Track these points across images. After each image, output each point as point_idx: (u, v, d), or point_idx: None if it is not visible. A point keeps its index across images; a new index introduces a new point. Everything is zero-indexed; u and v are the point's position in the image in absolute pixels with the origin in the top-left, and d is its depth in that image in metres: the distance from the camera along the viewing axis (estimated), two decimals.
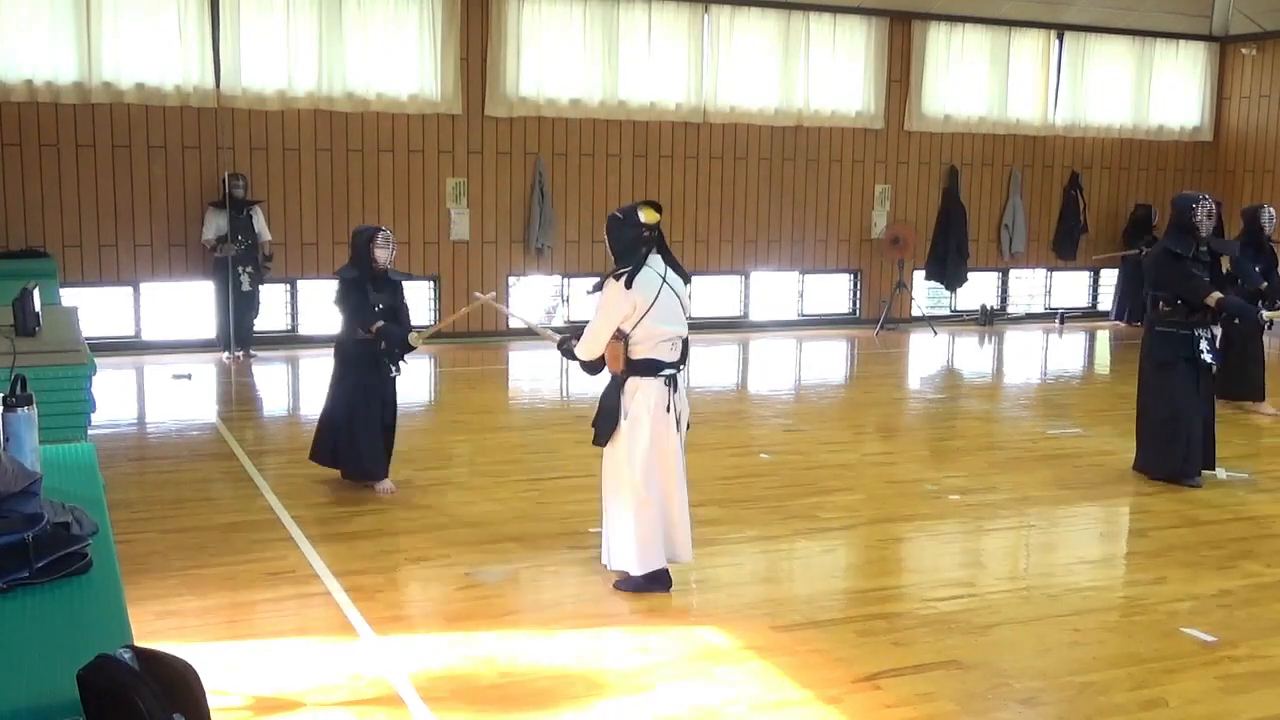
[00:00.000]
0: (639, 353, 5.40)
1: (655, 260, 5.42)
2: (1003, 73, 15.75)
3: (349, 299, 7.12)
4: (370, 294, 7.08)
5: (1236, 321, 7.63)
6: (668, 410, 5.45)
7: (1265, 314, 7.60)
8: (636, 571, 5.52)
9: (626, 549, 5.55)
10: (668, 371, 5.46)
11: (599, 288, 5.47)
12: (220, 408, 10.15)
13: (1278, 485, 7.89)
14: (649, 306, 5.33)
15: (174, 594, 5.42)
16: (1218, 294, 7.44)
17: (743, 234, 14.77)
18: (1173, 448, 7.64)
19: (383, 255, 7.07)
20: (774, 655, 4.86)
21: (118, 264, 12.28)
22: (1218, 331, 7.62)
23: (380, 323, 7.01)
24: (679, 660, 4.83)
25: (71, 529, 2.74)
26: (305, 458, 7.42)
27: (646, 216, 5.38)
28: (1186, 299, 7.50)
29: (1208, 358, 7.57)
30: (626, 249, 5.40)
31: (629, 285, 5.30)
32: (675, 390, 5.49)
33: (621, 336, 5.39)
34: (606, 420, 5.51)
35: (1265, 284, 9.28)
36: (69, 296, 10.24)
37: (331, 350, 7.54)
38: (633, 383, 5.43)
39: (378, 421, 7.16)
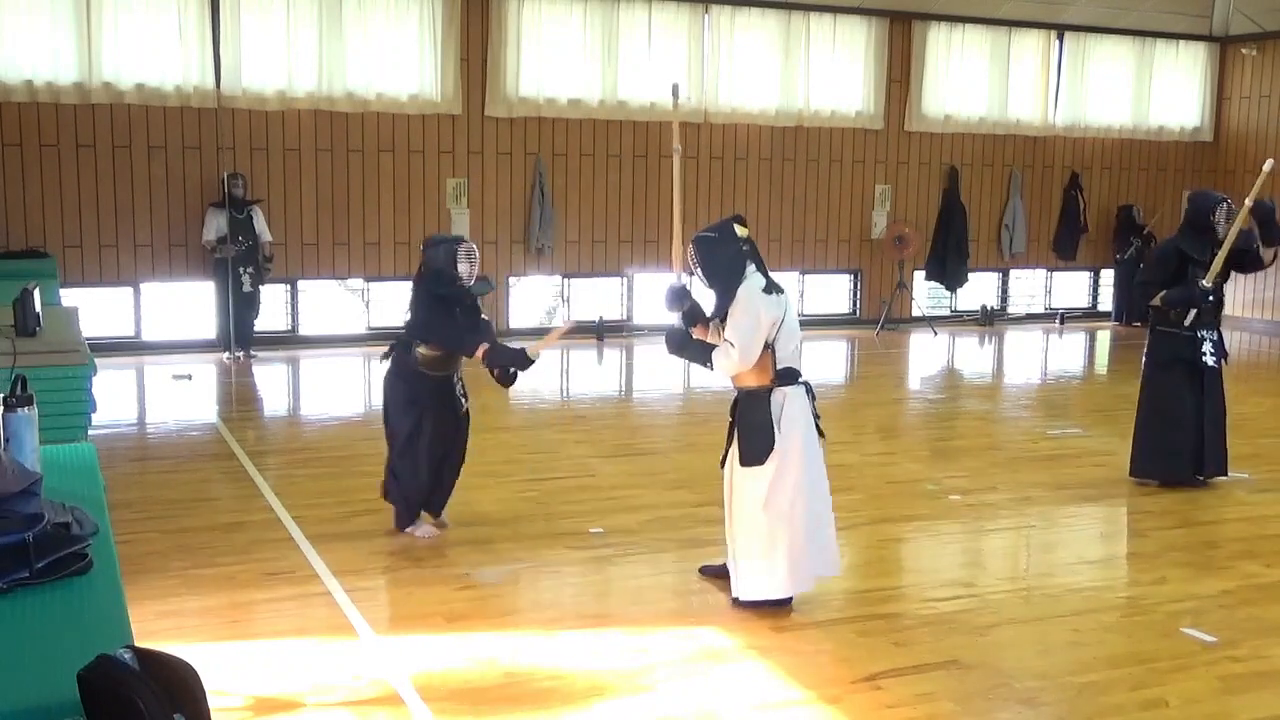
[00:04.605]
0: (783, 361, 5.22)
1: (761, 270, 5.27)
2: (1003, 73, 15.75)
3: (443, 321, 6.20)
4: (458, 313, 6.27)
5: (1195, 311, 7.44)
6: (814, 417, 5.31)
7: (1203, 283, 7.37)
8: (785, 594, 5.28)
9: (776, 574, 5.22)
10: (803, 378, 5.31)
11: (721, 312, 5.24)
12: (220, 408, 10.14)
13: (1278, 485, 7.90)
14: (784, 313, 5.20)
15: (174, 594, 5.42)
16: (1160, 295, 7.37)
17: None
18: (1161, 449, 7.61)
19: (465, 269, 6.19)
20: (774, 655, 4.87)
21: (118, 264, 12.28)
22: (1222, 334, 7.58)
23: (485, 345, 6.13)
24: (679, 660, 4.83)
25: (72, 529, 2.74)
26: (306, 458, 7.41)
27: (740, 231, 5.24)
28: (1139, 300, 7.42)
29: (1210, 360, 7.53)
30: (728, 267, 5.19)
31: (773, 292, 5.16)
32: (814, 397, 5.35)
33: (767, 347, 5.17)
34: (762, 437, 5.17)
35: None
36: (69, 297, 10.24)
37: (385, 358, 6.51)
38: (779, 394, 5.20)
39: (440, 464, 6.39)
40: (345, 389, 11.46)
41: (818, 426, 5.35)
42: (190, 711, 2.07)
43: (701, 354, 5.33)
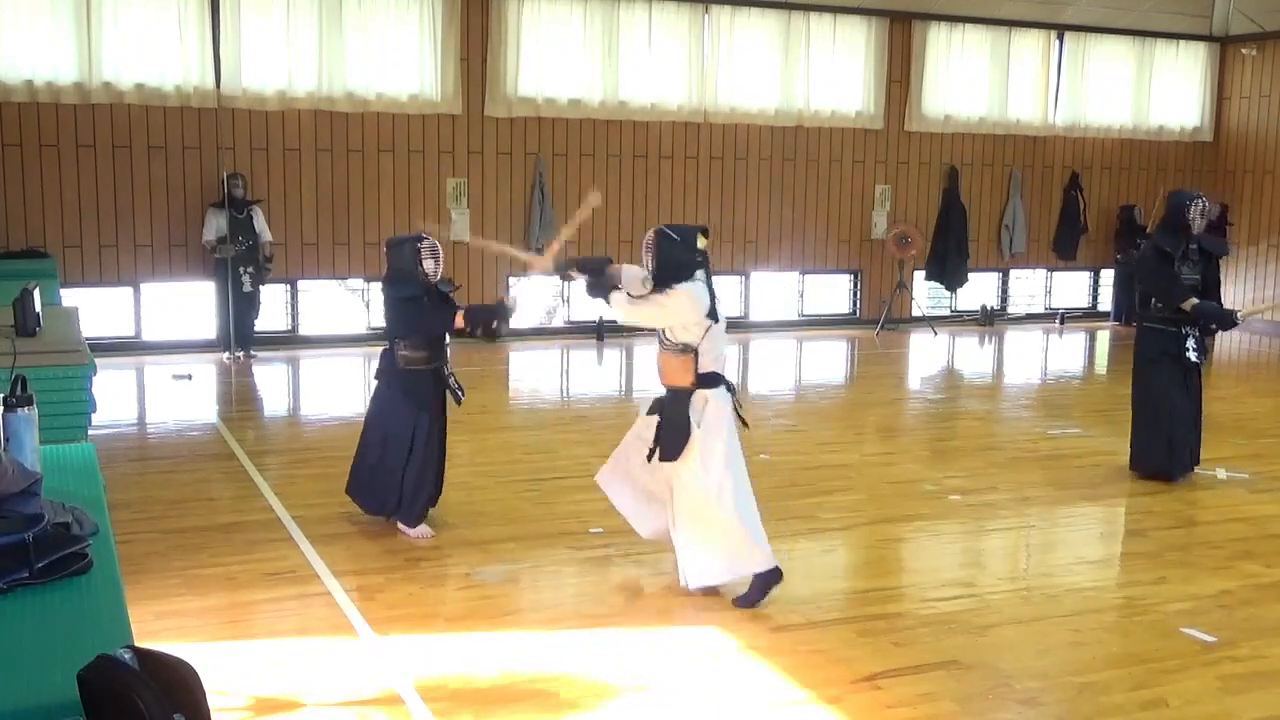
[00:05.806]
0: (705, 365, 5.42)
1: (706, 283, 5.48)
2: (1003, 73, 15.74)
3: (414, 315, 6.27)
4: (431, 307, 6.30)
5: (1214, 327, 7.66)
6: (737, 414, 5.52)
7: (1239, 314, 7.59)
8: (728, 578, 5.45)
9: (717, 560, 5.42)
10: (725, 381, 5.51)
11: (660, 286, 5.41)
12: (220, 408, 10.14)
13: (1278, 485, 7.89)
14: (710, 327, 5.40)
15: (174, 594, 5.43)
16: (1193, 300, 7.46)
17: (743, 234, 14.77)
18: (1156, 443, 7.67)
19: (430, 266, 6.27)
20: (774, 655, 4.87)
21: (118, 264, 12.27)
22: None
23: (459, 311, 6.21)
24: (679, 660, 4.83)
25: (72, 529, 2.74)
26: (306, 458, 7.40)
27: (701, 243, 5.45)
28: (1163, 301, 7.54)
29: (1193, 356, 7.60)
30: (677, 267, 5.40)
31: (706, 298, 5.37)
32: (734, 393, 5.55)
33: (690, 350, 5.38)
34: (678, 433, 5.42)
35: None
36: (69, 297, 10.24)
37: (376, 371, 6.54)
38: (700, 395, 5.41)
39: (440, 461, 6.52)
40: (345, 389, 11.46)
41: (741, 419, 5.58)
42: (190, 712, 2.07)
43: (604, 292, 5.56)
